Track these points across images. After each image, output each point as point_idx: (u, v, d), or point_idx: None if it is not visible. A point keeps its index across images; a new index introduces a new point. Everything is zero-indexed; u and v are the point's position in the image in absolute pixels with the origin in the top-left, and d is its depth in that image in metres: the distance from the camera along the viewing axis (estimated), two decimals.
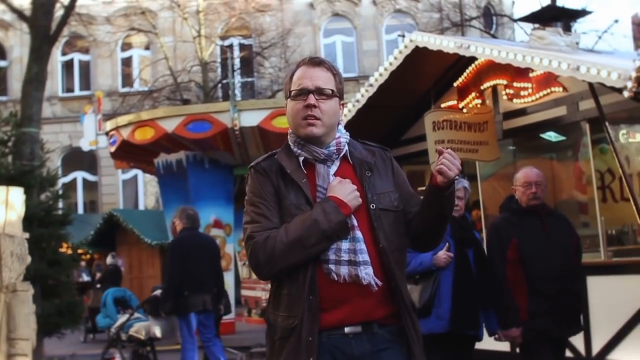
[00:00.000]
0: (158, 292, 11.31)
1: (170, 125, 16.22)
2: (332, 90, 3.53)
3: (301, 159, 3.53)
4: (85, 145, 27.07)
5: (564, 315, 6.45)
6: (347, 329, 3.37)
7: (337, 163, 3.56)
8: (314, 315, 3.33)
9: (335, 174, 3.51)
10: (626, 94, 7.69)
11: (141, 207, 34.21)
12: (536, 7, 16.95)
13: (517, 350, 7.22)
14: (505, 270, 6.49)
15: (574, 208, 11.44)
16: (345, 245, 3.35)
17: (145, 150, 17.67)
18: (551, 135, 11.44)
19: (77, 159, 34.00)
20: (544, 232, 6.51)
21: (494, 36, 30.11)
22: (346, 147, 3.58)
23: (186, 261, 10.30)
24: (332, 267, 3.35)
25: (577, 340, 9.27)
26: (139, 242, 26.03)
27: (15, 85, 28.81)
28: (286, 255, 3.36)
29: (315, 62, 3.58)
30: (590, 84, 8.77)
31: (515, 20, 22.59)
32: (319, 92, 3.49)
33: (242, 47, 33.54)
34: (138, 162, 20.31)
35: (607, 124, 8.84)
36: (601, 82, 8.19)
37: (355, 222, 3.39)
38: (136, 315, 11.75)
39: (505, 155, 11.83)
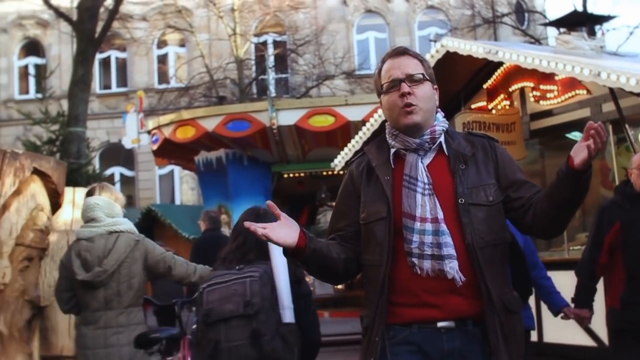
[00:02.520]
0: None
1: (210, 124, 16.76)
2: (423, 74, 3.42)
3: (393, 150, 3.45)
4: (127, 143, 27.62)
5: None
6: (439, 324, 3.27)
7: (431, 155, 3.43)
8: (382, 316, 3.30)
9: (428, 166, 3.37)
10: None
11: (177, 201, 34.71)
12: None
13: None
14: (597, 254, 6.32)
15: (600, 203, 11.83)
16: (428, 239, 3.24)
17: (186, 148, 18.21)
18: (576, 135, 11.73)
19: (115, 154, 34.51)
20: None
21: (525, 32, 30.29)
22: (442, 138, 3.45)
23: (206, 259, 11.09)
24: (415, 260, 3.25)
25: None
26: (176, 236, 26.56)
27: (54, 82, 29.25)
28: None
29: (398, 51, 3.49)
30: (611, 88, 9.20)
31: (543, 25, 22.84)
32: (410, 79, 3.39)
33: (277, 43, 33.91)
34: (179, 159, 20.85)
35: (626, 126, 9.31)
36: (620, 87, 8.59)
37: (441, 216, 3.27)
38: None
39: (533, 154, 12.23)
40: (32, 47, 36.32)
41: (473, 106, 12.41)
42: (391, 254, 3.31)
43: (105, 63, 35.91)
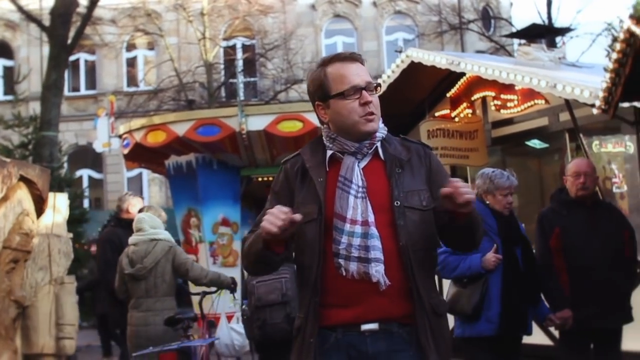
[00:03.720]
0: None
1: (181, 129, 16.87)
2: (377, 84, 3.48)
3: (329, 153, 3.45)
4: (98, 147, 27.80)
5: (605, 307, 6.30)
6: (363, 327, 3.30)
7: (367, 159, 3.45)
8: (316, 316, 3.32)
9: (364, 169, 3.39)
10: (595, 110, 8.40)
11: (145, 204, 34.60)
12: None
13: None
14: (548, 256, 6.48)
15: (539, 211, 12.19)
16: (356, 241, 3.24)
17: (156, 153, 18.31)
18: (535, 143, 12.20)
19: (83, 157, 34.31)
20: (588, 223, 6.44)
21: (491, 39, 30.70)
22: (379, 143, 3.47)
23: None
24: (341, 261, 3.26)
25: None
26: None
27: (23, 84, 29.09)
28: (246, 258, 3.55)
29: (354, 57, 3.49)
30: (567, 99, 9.60)
31: (505, 36, 23.21)
32: (369, 87, 3.41)
33: (245, 47, 33.99)
34: (149, 163, 20.90)
35: (581, 135, 9.73)
36: (575, 99, 8.99)
37: (372, 219, 3.29)
38: None
39: (495, 160, 12.56)
40: (1, 49, 36.17)
41: (437, 114, 12.70)
42: (322, 255, 3.33)
43: (75, 66, 35.59)
